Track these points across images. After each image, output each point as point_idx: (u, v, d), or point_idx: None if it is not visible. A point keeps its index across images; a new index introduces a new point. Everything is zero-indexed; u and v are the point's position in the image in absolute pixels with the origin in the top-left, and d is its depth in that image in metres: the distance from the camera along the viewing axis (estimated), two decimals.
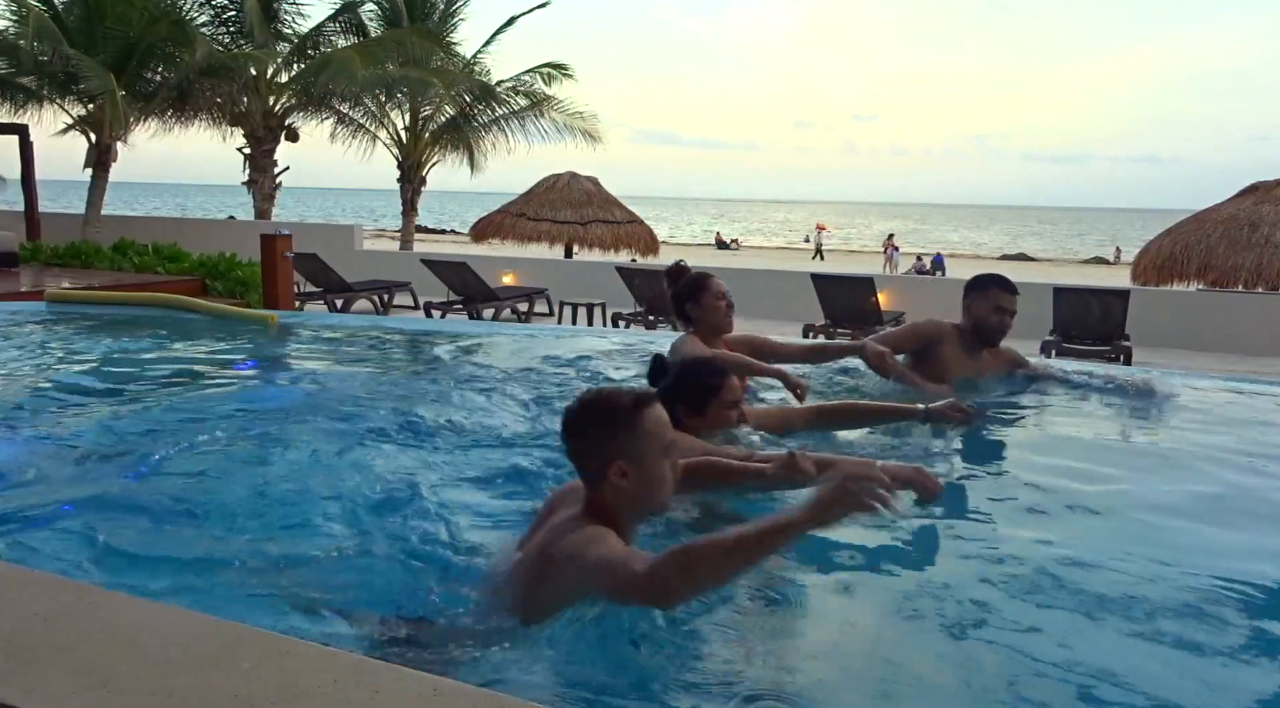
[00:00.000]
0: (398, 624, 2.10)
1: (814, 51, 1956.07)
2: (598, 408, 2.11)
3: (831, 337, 10.19)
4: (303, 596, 2.25)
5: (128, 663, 1.49)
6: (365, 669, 1.49)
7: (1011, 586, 2.38)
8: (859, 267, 27.26)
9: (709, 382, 3.01)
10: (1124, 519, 2.96)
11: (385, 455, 3.42)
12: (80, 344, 5.83)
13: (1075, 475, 3.29)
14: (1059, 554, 2.56)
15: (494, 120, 18.88)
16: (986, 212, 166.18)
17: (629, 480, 2.06)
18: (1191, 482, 3.37)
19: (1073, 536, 2.78)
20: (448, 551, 2.55)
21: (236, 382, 4.87)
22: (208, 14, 17.48)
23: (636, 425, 2.07)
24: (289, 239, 9.13)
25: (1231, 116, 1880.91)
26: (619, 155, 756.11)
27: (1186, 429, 4.17)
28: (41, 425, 3.79)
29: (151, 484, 3.08)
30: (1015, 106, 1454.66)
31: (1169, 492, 3.25)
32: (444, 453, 3.52)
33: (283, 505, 2.90)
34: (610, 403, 2.11)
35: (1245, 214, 12.42)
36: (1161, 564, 2.55)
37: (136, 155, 16.92)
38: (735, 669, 1.96)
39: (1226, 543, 2.76)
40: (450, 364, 5.53)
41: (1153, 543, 2.75)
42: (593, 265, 14.90)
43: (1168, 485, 3.34)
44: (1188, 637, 2.14)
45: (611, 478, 2.06)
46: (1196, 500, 3.14)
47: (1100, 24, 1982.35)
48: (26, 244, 12.31)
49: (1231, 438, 3.95)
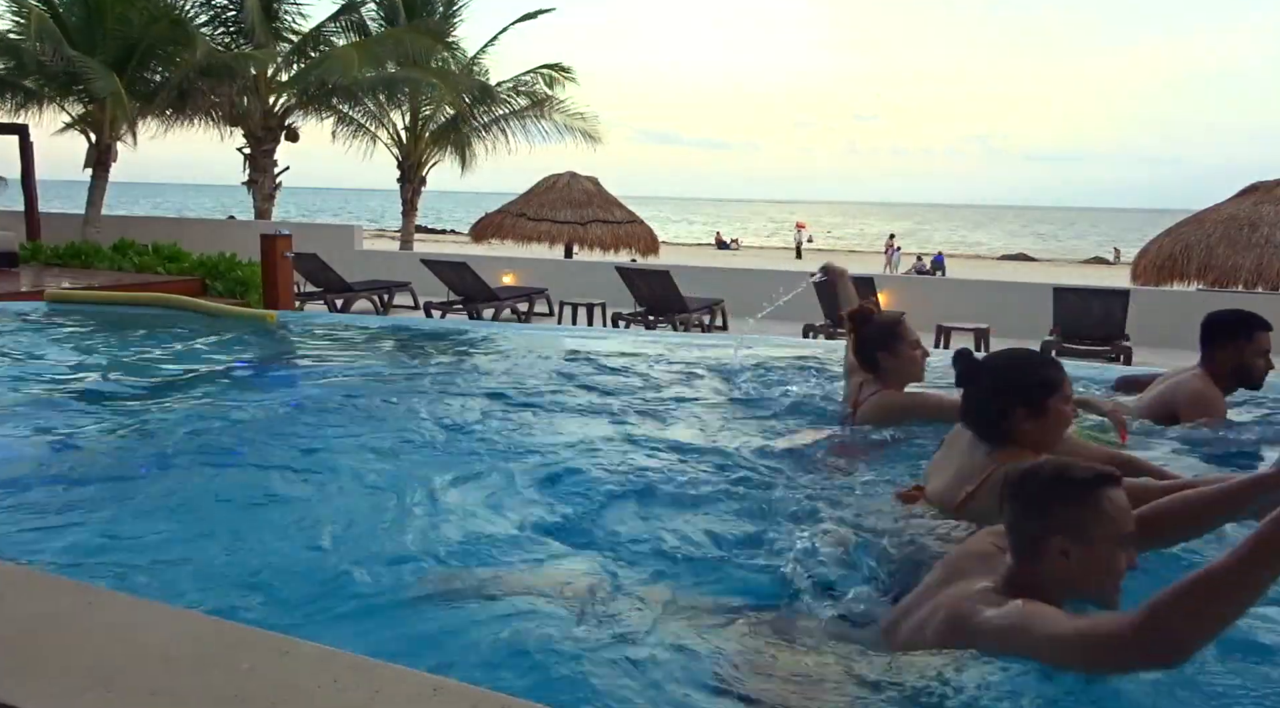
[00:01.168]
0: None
1: (815, 51, 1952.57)
2: (1052, 477, 1.91)
3: (831, 336, 10.16)
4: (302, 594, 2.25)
5: (128, 663, 1.49)
6: (365, 669, 1.49)
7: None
8: (856, 266, 27.23)
9: (1045, 374, 2.56)
10: None
11: (385, 456, 3.42)
12: (80, 344, 5.84)
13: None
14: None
15: (494, 120, 18.88)
16: (987, 211, 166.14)
17: (1070, 561, 1.86)
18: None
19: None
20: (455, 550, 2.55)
21: (237, 381, 4.86)
22: (208, 14, 17.49)
23: (1095, 506, 1.87)
24: (289, 239, 9.14)
25: (1231, 116, 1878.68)
26: (620, 155, 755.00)
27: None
28: (41, 425, 3.79)
29: (152, 484, 3.09)
30: (1015, 106, 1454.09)
31: None
32: (443, 454, 3.52)
33: (283, 506, 2.90)
34: (1068, 475, 1.90)
35: (1245, 214, 12.42)
36: None
37: (136, 155, 16.90)
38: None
39: None
40: (469, 364, 5.53)
41: None
42: (593, 265, 14.90)
43: None
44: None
45: (1049, 555, 1.87)
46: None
47: (1100, 24, 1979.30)
48: (26, 244, 12.31)
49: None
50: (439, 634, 2.09)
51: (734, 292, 12.63)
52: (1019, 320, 10.63)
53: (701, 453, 3.45)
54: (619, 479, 3.11)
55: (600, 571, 2.42)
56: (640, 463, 3.29)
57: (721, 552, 2.55)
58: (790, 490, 2.99)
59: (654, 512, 2.83)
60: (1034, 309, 10.31)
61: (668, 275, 11.10)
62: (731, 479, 3.13)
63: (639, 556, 2.52)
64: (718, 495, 2.97)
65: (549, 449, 3.46)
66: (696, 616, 2.20)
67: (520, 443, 3.57)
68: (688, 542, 2.61)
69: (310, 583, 2.32)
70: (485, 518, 2.80)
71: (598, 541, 2.63)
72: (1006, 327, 10.49)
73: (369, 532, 2.68)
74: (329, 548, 2.55)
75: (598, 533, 2.68)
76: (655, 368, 5.10)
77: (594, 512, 2.84)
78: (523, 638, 1.99)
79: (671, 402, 4.34)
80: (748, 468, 3.25)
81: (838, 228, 79.77)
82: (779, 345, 5.95)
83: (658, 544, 2.58)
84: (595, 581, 2.34)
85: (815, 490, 2.99)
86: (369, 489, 3.04)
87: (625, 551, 2.55)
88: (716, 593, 2.33)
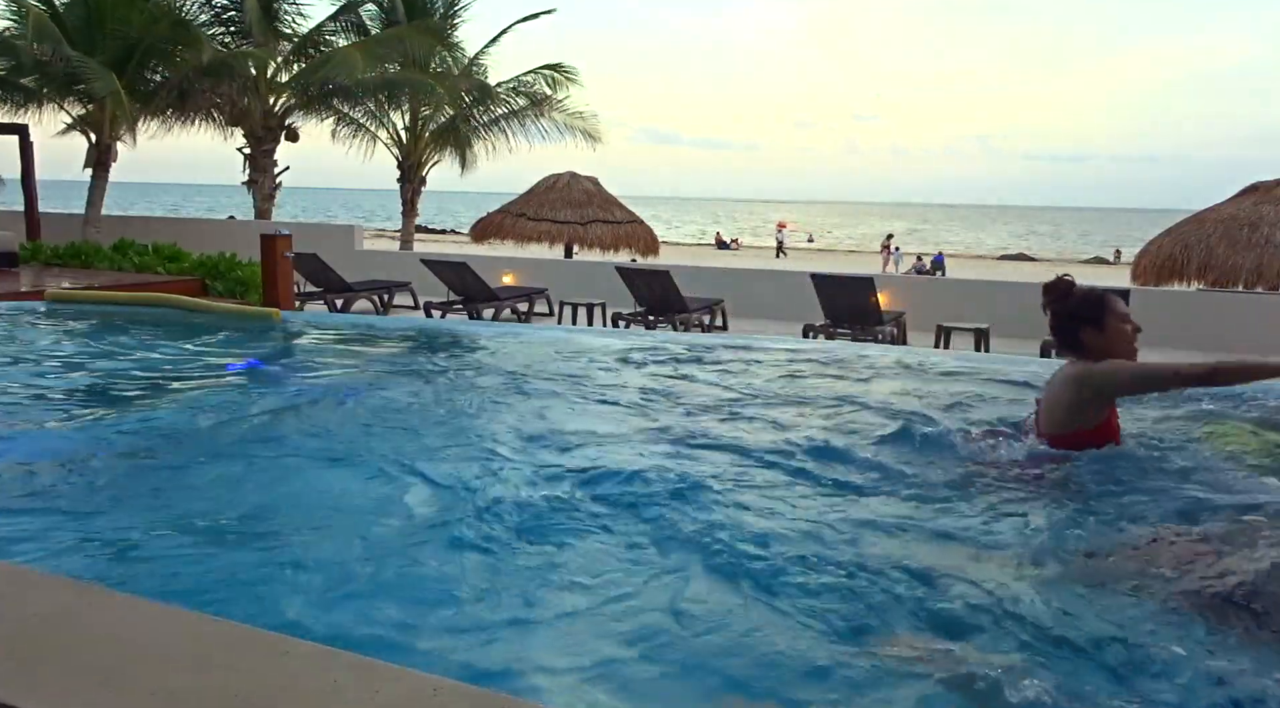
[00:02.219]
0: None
1: (815, 51, 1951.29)
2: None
3: (832, 336, 10.18)
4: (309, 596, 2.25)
5: (128, 663, 1.49)
6: (365, 669, 1.49)
7: None
8: (856, 267, 27.22)
9: (1092, 294, 3.36)
10: None
11: (388, 454, 3.42)
12: (80, 344, 5.84)
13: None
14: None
15: (494, 120, 18.88)
16: (987, 211, 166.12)
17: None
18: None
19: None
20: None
21: (237, 381, 4.86)
22: (208, 14, 17.50)
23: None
24: (289, 239, 9.13)
25: (1231, 116, 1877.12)
26: (620, 155, 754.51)
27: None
28: (42, 425, 3.79)
29: (152, 484, 3.09)
30: (1015, 106, 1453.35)
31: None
32: (446, 453, 3.52)
33: (285, 504, 2.90)
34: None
35: (1245, 214, 12.41)
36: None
37: (136, 155, 16.94)
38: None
39: None
40: (480, 364, 5.53)
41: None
42: (593, 265, 14.90)
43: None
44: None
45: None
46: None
47: (1101, 24, 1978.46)
48: (26, 244, 12.30)
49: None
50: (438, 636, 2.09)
51: (734, 292, 12.63)
52: (1019, 320, 10.61)
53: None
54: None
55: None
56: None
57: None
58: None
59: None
60: (1034, 309, 10.21)
61: (668, 275, 11.10)
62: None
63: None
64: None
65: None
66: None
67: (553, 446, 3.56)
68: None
69: (315, 583, 2.32)
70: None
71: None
72: (1006, 327, 10.48)
73: (390, 531, 2.68)
74: (346, 545, 2.56)
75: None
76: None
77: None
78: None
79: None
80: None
81: (837, 228, 79.78)
82: (779, 345, 5.94)
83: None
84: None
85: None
86: (372, 488, 3.04)
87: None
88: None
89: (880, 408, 4.15)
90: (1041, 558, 2.51)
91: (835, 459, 3.38)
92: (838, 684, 1.93)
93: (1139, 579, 2.36)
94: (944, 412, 4.12)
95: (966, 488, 3.08)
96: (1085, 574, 2.45)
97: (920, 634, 2.14)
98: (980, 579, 2.36)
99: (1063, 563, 2.50)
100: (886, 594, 2.28)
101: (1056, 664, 1.97)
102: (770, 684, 1.94)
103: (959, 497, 3.00)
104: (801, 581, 2.36)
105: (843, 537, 2.64)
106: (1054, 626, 2.13)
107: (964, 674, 1.92)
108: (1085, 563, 2.53)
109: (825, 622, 2.16)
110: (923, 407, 4.19)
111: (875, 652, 2.04)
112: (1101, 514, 2.80)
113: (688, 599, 2.27)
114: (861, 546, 2.60)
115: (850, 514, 2.84)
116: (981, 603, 2.23)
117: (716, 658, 2.02)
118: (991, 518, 2.82)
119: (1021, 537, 2.68)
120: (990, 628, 2.14)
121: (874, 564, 2.45)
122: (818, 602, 2.25)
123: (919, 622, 2.18)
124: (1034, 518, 2.79)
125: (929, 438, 3.56)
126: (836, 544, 2.60)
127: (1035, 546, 2.60)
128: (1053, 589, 2.34)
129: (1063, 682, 1.88)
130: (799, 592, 2.31)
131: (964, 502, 2.96)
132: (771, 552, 2.52)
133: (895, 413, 4.00)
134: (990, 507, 2.91)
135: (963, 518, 2.82)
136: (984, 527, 2.75)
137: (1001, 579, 2.38)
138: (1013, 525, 2.76)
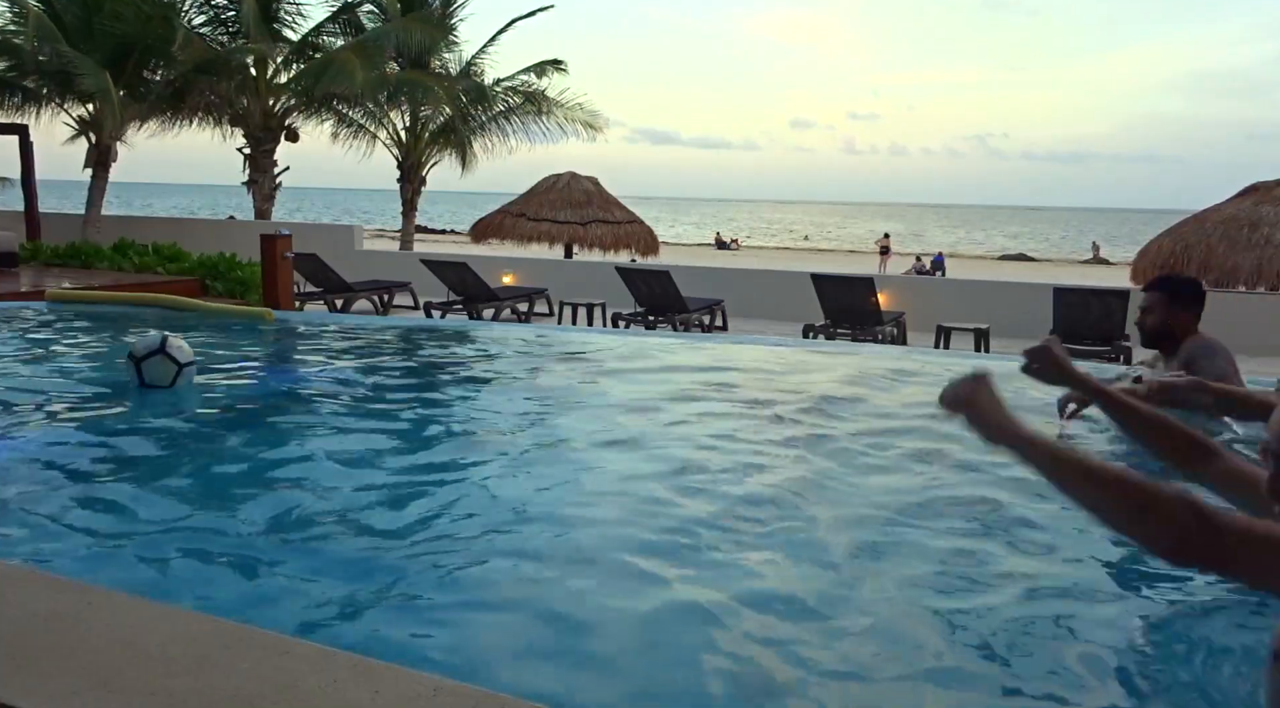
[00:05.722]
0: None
1: (814, 51, 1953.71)
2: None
3: (832, 336, 10.19)
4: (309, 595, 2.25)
5: (128, 663, 1.49)
6: (365, 669, 1.49)
7: None
8: (856, 267, 27.21)
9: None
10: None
11: (388, 454, 3.42)
12: (81, 344, 5.83)
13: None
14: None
15: (492, 118, 18.85)
16: (986, 211, 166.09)
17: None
18: None
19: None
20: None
21: (238, 381, 4.86)
22: (207, 14, 17.49)
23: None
24: (289, 239, 9.14)
25: (1231, 116, 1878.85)
26: (618, 155, 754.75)
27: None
28: (42, 425, 3.78)
29: (152, 484, 3.08)
30: (1015, 106, 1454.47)
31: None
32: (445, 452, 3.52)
33: (285, 504, 2.90)
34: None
35: (1245, 214, 12.41)
36: None
37: (136, 155, 16.95)
38: None
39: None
40: (484, 364, 5.54)
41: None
42: (593, 265, 14.91)
43: None
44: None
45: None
46: None
47: (1100, 24, 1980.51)
48: (26, 244, 12.31)
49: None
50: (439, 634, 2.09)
51: (734, 292, 12.64)
52: (1019, 320, 10.61)
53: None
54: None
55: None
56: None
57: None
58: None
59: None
60: (1034, 309, 10.29)
61: (668, 275, 11.10)
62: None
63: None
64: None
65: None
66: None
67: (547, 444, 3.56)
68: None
69: (316, 581, 2.32)
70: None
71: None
72: (1006, 327, 10.49)
73: (390, 531, 2.68)
74: (345, 545, 2.55)
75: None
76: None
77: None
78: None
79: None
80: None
81: (836, 228, 79.77)
82: (780, 346, 5.93)
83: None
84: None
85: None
86: (372, 487, 3.04)
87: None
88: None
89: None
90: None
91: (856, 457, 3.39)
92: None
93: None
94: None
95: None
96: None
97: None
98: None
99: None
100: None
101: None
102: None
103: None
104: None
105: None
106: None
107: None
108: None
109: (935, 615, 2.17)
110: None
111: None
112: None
113: (698, 600, 2.27)
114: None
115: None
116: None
117: (732, 663, 2.02)
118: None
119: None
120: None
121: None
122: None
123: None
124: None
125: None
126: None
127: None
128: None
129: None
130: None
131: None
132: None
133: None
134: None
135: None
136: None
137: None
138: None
